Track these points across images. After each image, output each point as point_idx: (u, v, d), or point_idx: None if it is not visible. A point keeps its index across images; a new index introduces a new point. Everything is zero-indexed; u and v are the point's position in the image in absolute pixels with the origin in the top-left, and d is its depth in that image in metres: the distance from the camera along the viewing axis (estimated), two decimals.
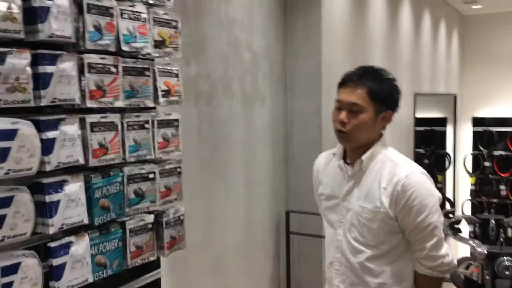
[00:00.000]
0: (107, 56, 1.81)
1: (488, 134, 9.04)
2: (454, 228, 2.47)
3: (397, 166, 1.88)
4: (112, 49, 1.83)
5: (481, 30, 9.48)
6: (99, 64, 1.78)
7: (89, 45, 1.74)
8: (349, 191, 1.94)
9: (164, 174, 2.08)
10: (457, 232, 2.47)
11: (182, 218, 2.19)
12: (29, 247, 1.59)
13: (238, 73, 3.57)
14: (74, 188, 1.68)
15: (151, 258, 2.03)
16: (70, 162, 1.67)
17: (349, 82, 1.91)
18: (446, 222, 2.48)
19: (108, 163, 1.83)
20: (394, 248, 1.89)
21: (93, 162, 1.76)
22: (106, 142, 1.81)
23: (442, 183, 8.84)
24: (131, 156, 1.93)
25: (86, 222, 1.73)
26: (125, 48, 1.87)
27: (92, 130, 1.76)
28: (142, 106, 1.99)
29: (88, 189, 1.75)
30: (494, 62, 9.33)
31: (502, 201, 8.71)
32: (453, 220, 2.47)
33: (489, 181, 8.93)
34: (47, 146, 1.60)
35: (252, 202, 3.79)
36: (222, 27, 3.38)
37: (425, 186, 1.85)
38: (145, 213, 2.02)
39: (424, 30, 7.38)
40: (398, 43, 6.34)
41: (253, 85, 3.75)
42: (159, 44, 2.05)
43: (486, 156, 8.99)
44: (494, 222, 3.41)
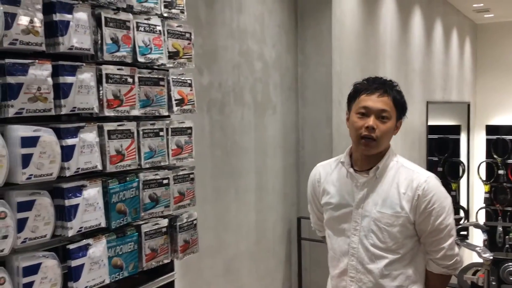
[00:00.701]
0: (124, 67, 1.90)
1: (502, 142, 8.99)
2: (461, 234, 2.50)
3: (413, 172, 1.94)
4: (128, 60, 1.91)
5: (493, 39, 9.46)
6: (116, 74, 1.86)
7: (106, 56, 1.82)
8: (363, 198, 1.96)
9: (177, 180, 2.15)
10: (463, 238, 2.50)
11: (195, 222, 2.25)
12: (49, 249, 1.66)
13: (250, 82, 3.64)
14: (92, 192, 1.76)
15: (165, 261, 2.10)
16: (88, 168, 1.75)
17: (373, 89, 1.92)
18: None
19: (124, 169, 1.90)
20: (410, 251, 1.94)
21: (110, 168, 1.84)
22: (122, 149, 1.88)
23: (456, 191, 8.80)
24: (147, 162, 2.00)
25: (103, 225, 1.80)
26: (141, 59, 1.95)
27: (109, 138, 1.84)
28: (157, 114, 2.07)
29: (105, 193, 1.83)
30: (507, 70, 9.30)
31: None
32: (460, 226, 2.50)
33: (503, 189, 8.86)
34: (67, 153, 1.67)
35: (263, 208, 3.84)
36: (234, 38, 3.46)
37: (441, 189, 1.94)
38: (159, 217, 2.09)
39: (436, 38, 7.39)
40: (410, 52, 6.36)
41: (264, 93, 3.82)
42: (173, 55, 2.13)
43: (500, 164, 8.93)
44: (501, 229, 3.42)
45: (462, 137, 9.15)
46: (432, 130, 7.52)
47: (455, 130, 9.09)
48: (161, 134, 2.06)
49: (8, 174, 1.50)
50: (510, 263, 2.40)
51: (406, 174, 1.93)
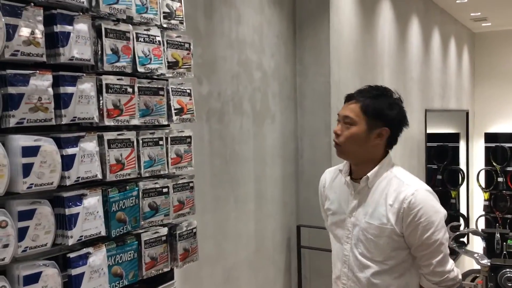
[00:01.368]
0: (124, 77, 1.92)
1: (501, 149, 9.01)
2: (459, 241, 2.52)
3: (403, 183, 1.90)
4: (128, 70, 1.94)
5: (491, 47, 9.52)
6: (116, 84, 1.89)
7: (107, 67, 1.85)
8: (355, 207, 1.97)
9: (177, 188, 2.17)
10: (462, 245, 2.52)
11: (194, 231, 2.27)
12: (49, 258, 1.67)
13: (248, 91, 3.66)
14: (93, 201, 1.77)
15: (165, 269, 2.11)
16: (88, 177, 1.76)
17: (347, 98, 1.98)
18: (451, 235, 2.53)
19: (124, 178, 1.92)
20: (401, 263, 1.92)
21: (110, 177, 1.85)
22: (122, 158, 1.90)
23: (456, 199, 8.81)
24: (146, 171, 2.02)
25: (103, 234, 1.82)
26: (140, 69, 1.98)
27: (109, 147, 1.85)
28: (157, 124, 2.09)
29: (105, 202, 1.84)
30: (505, 78, 9.35)
31: None
32: (458, 233, 2.52)
33: (503, 196, 8.87)
34: (67, 162, 1.69)
35: (263, 217, 3.85)
36: (233, 48, 3.49)
37: (430, 203, 1.87)
38: (159, 226, 2.10)
39: (434, 47, 7.44)
40: (408, 61, 6.40)
41: (263, 103, 3.84)
42: (173, 65, 2.15)
43: (499, 171, 8.95)
44: (499, 236, 3.44)
45: (461, 145, 9.18)
46: (431, 138, 7.55)
47: (454, 138, 9.12)
48: (160, 143, 2.08)
49: (9, 183, 1.52)
50: (507, 269, 2.41)
51: (396, 186, 1.90)
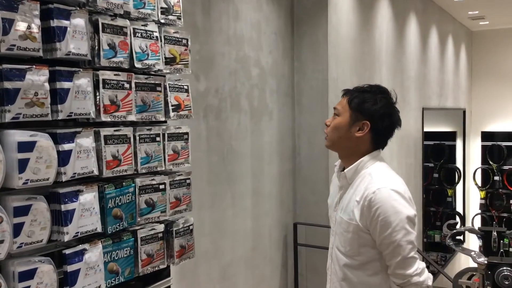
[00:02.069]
0: (121, 72, 1.91)
1: (497, 148, 9.03)
2: (456, 239, 2.52)
3: (371, 180, 1.89)
4: (125, 66, 1.92)
5: (489, 46, 9.53)
6: (113, 80, 1.87)
7: (103, 62, 1.84)
8: (337, 202, 2.03)
9: (174, 185, 2.16)
10: (458, 243, 2.52)
11: (191, 228, 2.26)
12: (45, 254, 1.67)
13: (246, 88, 3.66)
14: (89, 197, 1.76)
15: (161, 266, 2.10)
16: (85, 173, 1.75)
17: (343, 93, 2.03)
18: (448, 233, 2.53)
19: (121, 174, 1.91)
20: (372, 261, 1.92)
21: (106, 173, 1.84)
22: (119, 154, 1.89)
23: (452, 197, 8.84)
24: (143, 167, 2.01)
25: (99, 230, 1.81)
26: (138, 65, 1.97)
27: (106, 143, 1.84)
28: (154, 120, 2.08)
29: (101, 198, 1.83)
30: (502, 77, 9.37)
31: None
32: (455, 231, 2.52)
33: (499, 195, 8.91)
34: (64, 158, 1.68)
35: (260, 214, 3.85)
36: (231, 44, 3.48)
37: (391, 203, 1.83)
38: (155, 222, 2.09)
39: (431, 46, 7.44)
40: (405, 59, 6.40)
41: (261, 99, 3.83)
42: (170, 61, 2.14)
43: (495, 170, 8.98)
44: (496, 234, 3.44)
45: (458, 143, 9.20)
46: (428, 136, 7.56)
47: (451, 136, 9.15)
48: (157, 139, 2.07)
49: (4, 179, 1.51)
50: (504, 268, 2.42)
51: (366, 183, 1.90)
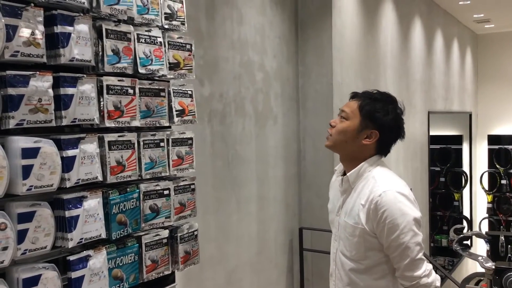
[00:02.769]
0: (125, 78, 1.91)
1: (504, 152, 8.98)
2: (463, 244, 2.50)
3: (376, 184, 1.89)
4: (129, 71, 1.92)
5: (494, 49, 9.49)
6: (117, 86, 1.87)
7: (107, 68, 1.83)
8: (340, 206, 2.02)
9: (178, 190, 2.15)
10: (466, 248, 2.50)
11: (196, 233, 2.25)
12: (49, 260, 1.66)
13: (251, 92, 3.65)
14: (93, 203, 1.76)
15: (166, 272, 2.09)
16: (89, 179, 1.75)
17: (352, 96, 2.02)
18: (455, 238, 2.51)
19: (125, 180, 1.90)
20: (378, 265, 1.91)
21: (111, 179, 1.84)
22: (123, 159, 1.89)
23: (459, 201, 8.79)
24: (147, 173, 2.00)
25: (104, 236, 1.80)
26: (142, 70, 1.96)
27: (110, 149, 1.84)
28: (158, 125, 2.08)
29: (106, 204, 1.83)
30: (508, 80, 9.32)
31: None
32: (462, 236, 2.50)
33: (506, 199, 8.85)
34: (68, 164, 1.68)
35: (265, 219, 3.84)
36: (235, 49, 3.47)
37: (398, 205, 1.84)
38: (160, 228, 2.08)
39: (436, 49, 7.42)
40: (411, 62, 6.38)
41: (265, 104, 3.83)
42: (174, 66, 2.14)
43: (502, 174, 8.92)
44: (503, 239, 3.41)
45: (464, 147, 9.16)
46: (434, 140, 7.53)
47: (457, 140, 9.10)
48: (161, 144, 2.07)
49: (8, 185, 1.50)
50: None
51: (371, 186, 1.90)
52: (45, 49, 1.62)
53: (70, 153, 1.69)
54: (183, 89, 2.19)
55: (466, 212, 9.02)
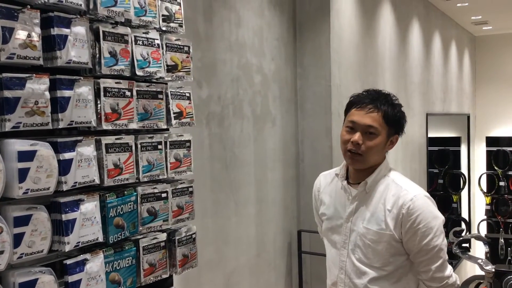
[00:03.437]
0: (122, 80, 1.89)
1: (502, 153, 8.98)
2: (462, 247, 2.49)
3: (401, 188, 1.88)
4: (127, 73, 1.91)
5: (492, 51, 9.51)
6: (115, 88, 1.86)
7: (104, 70, 1.82)
8: (352, 212, 1.95)
9: (176, 193, 2.14)
10: (465, 251, 2.49)
11: (194, 236, 2.24)
12: (45, 264, 1.65)
13: (249, 95, 3.64)
14: (90, 207, 1.75)
15: (164, 276, 2.08)
16: (86, 182, 1.74)
17: (363, 104, 1.90)
18: (455, 240, 2.50)
19: (122, 183, 1.89)
20: (398, 269, 1.90)
21: (108, 182, 1.83)
22: (120, 162, 1.88)
23: (457, 203, 8.78)
24: (145, 176, 1.99)
25: (101, 240, 1.79)
26: (139, 72, 1.95)
27: (107, 151, 1.83)
28: (155, 128, 2.06)
29: (103, 208, 1.81)
30: (506, 82, 9.34)
31: None
32: (461, 238, 2.49)
33: (504, 200, 8.85)
34: (64, 167, 1.66)
35: (263, 222, 3.82)
36: (233, 51, 3.47)
37: (429, 209, 1.86)
38: (158, 231, 2.07)
39: (434, 51, 7.42)
40: (409, 64, 6.38)
41: (263, 106, 3.82)
42: (172, 68, 2.13)
43: (501, 175, 8.92)
44: (503, 241, 3.39)
45: (463, 148, 9.16)
46: (432, 142, 7.52)
47: (455, 141, 9.10)
48: (159, 147, 2.06)
49: (4, 189, 1.49)
50: None
51: (395, 191, 1.88)
52: (41, 51, 1.60)
53: (67, 156, 1.68)
54: (181, 91, 2.18)
55: (464, 214, 9.01)
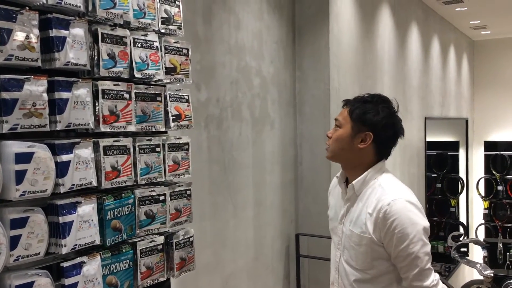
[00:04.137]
0: (121, 82, 1.89)
1: (500, 158, 8.99)
2: (461, 251, 2.48)
3: (383, 192, 1.86)
4: (125, 76, 1.91)
5: (491, 55, 9.52)
6: (113, 90, 1.86)
7: (103, 72, 1.82)
8: (344, 215, 1.98)
9: (174, 196, 2.13)
10: (464, 255, 2.48)
11: (191, 239, 2.23)
12: (42, 267, 1.64)
13: (247, 97, 3.64)
14: (87, 209, 1.74)
15: (161, 279, 2.07)
16: (83, 184, 1.73)
17: (343, 103, 2.00)
18: (453, 245, 2.49)
19: (120, 185, 1.88)
20: (384, 274, 1.88)
21: (105, 184, 1.82)
22: (118, 165, 1.87)
23: (455, 207, 8.78)
24: (143, 178, 1.98)
25: (98, 242, 1.78)
26: (138, 75, 1.95)
27: (105, 154, 1.82)
28: (154, 130, 2.06)
29: (100, 210, 1.81)
30: (504, 86, 9.35)
31: None
32: (460, 243, 2.48)
33: (502, 205, 8.85)
34: (62, 169, 1.66)
35: (262, 225, 3.81)
36: (232, 54, 3.46)
37: (407, 214, 1.81)
38: (155, 234, 2.06)
39: (433, 55, 7.43)
40: (407, 68, 6.39)
41: (262, 109, 3.81)
42: (170, 71, 2.13)
43: (499, 180, 8.93)
44: (501, 246, 3.37)
45: (461, 153, 9.16)
46: (430, 146, 7.52)
47: (454, 146, 9.10)
48: (157, 150, 2.05)
49: (1, 191, 1.49)
50: (511, 280, 2.37)
51: (379, 194, 1.87)
52: (39, 53, 1.60)
53: (65, 158, 1.67)
54: (180, 94, 2.18)
55: (462, 218, 9.01)
